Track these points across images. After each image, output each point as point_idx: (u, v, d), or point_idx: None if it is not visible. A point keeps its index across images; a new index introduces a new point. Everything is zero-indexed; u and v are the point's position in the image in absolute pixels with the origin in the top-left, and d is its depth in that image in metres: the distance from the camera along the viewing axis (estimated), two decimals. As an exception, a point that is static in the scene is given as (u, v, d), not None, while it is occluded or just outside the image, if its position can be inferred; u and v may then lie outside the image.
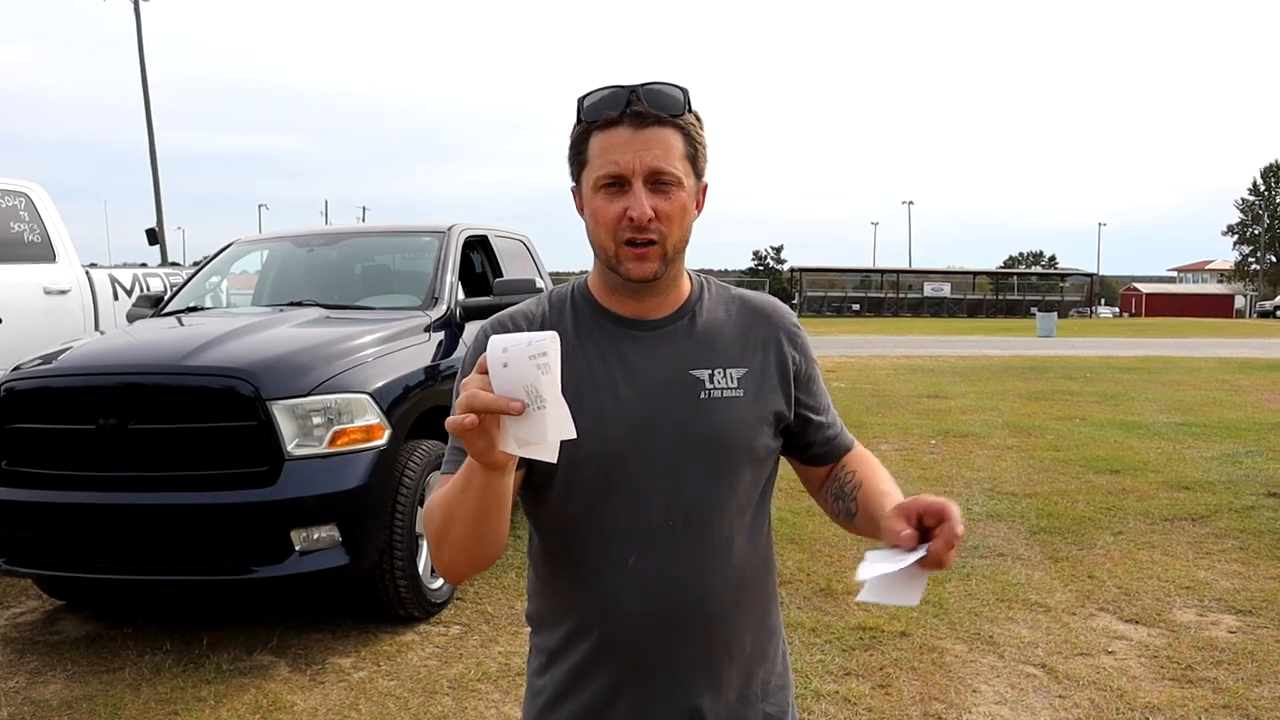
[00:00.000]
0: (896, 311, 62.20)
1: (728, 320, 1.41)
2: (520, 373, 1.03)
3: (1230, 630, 4.09)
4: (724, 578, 1.35)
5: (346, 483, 3.87)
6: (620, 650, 1.34)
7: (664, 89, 1.30)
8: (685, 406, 1.34)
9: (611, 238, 1.30)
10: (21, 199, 6.15)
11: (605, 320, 1.37)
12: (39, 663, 3.95)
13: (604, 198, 1.29)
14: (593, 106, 1.30)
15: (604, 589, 1.33)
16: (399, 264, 6.02)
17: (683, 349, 1.37)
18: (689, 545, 1.33)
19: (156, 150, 22.89)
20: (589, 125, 1.30)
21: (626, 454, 1.32)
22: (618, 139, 1.28)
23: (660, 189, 1.28)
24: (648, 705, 1.34)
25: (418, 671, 3.78)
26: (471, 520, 1.19)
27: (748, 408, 1.37)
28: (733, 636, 1.37)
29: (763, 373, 1.40)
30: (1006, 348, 23.48)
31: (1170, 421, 9.90)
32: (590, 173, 1.31)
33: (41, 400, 4.07)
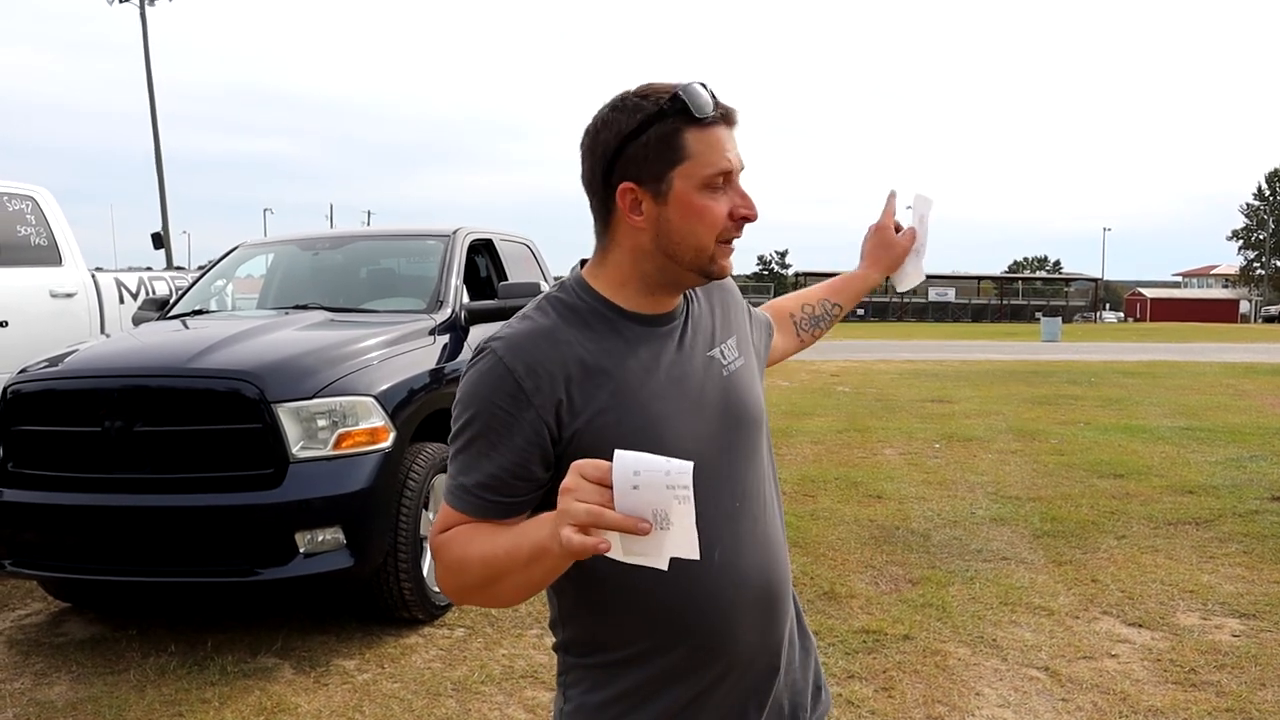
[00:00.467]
0: (901, 316, 62.18)
1: (709, 301, 1.46)
2: (652, 499, 0.99)
3: (1234, 634, 4.09)
4: (782, 544, 1.43)
5: (351, 485, 3.89)
6: (717, 644, 1.30)
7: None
8: (718, 387, 1.36)
9: (714, 236, 1.28)
10: (28, 203, 6.18)
11: (629, 323, 1.32)
12: (44, 664, 3.97)
13: (709, 194, 1.27)
14: (700, 102, 1.24)
15: (694, 588, 1.28)
16: (404, 267, 6.04)
17: (697, 335, 1.39)
18: (754, 522, 1.36)
19: (162, 155, 22.97)
20: (689, 120, 1.25)
21: (696, 450, 1.24)
22: (720, 136, 1.27)
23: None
24: (744, 683, 1.34)
25: (422, 674, 3.79)
26: (528, 587, 1.17)
27: (752, 371, 1.45)
28: (789, 586, 1.43)
29: (743, 332, 1.49)
30: (1011, 352, 23.46)
31: (1174, 426, 9.89)
32: (694, 169, 1.25)
33: (47, 403, 4.09)
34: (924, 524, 5.89)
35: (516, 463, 1.23)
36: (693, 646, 1.30)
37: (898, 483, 7.12)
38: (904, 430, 9.67)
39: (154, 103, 22.84)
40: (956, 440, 9.08)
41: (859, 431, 9.49)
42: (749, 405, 1.39)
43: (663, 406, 1.29)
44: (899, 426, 9.91)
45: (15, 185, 6.21)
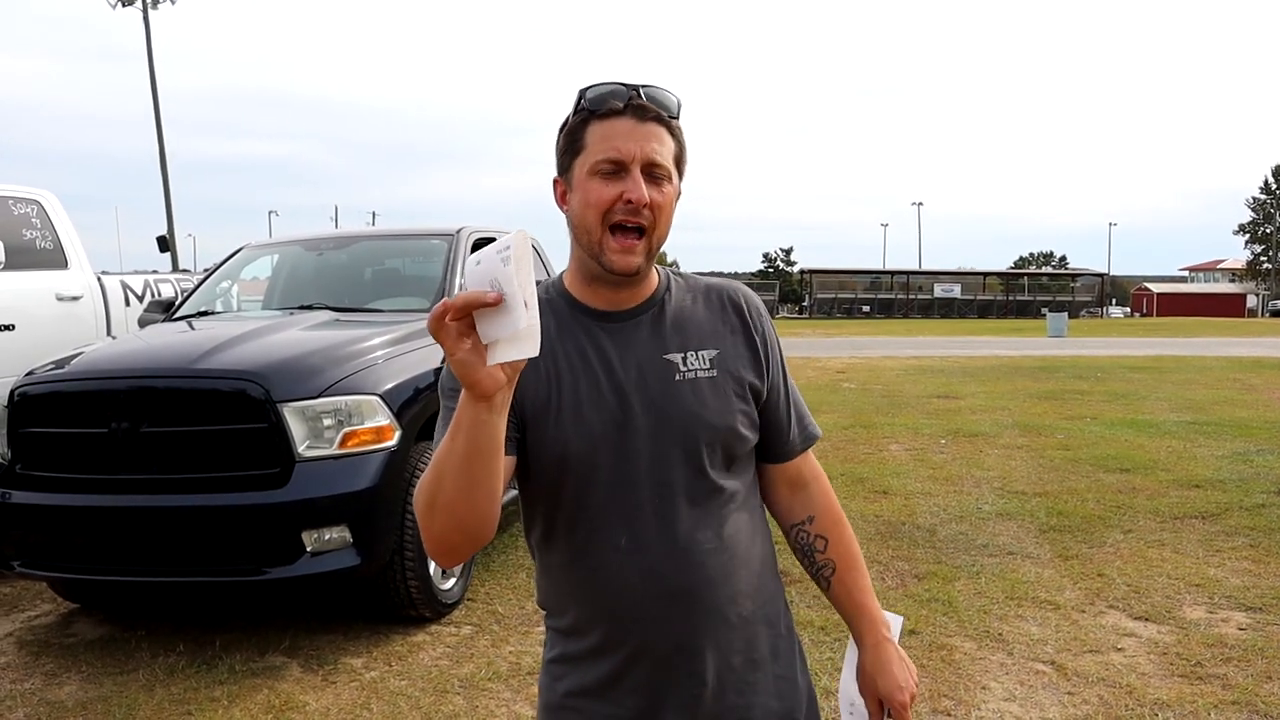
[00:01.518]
0: (907, 313, 62.08)
1: (695, 306, 1.47)
2: (489, 269, 1.05)
3: (1240, 627, 4.09)
4: (714, 549, 1.40)
5: (357, 484, 3.90)
6: (624, 626, 1.39)
7: (662, 93, 1.37)
8: (661, 389, 1.39)
9: (600, 221, 1.33)
10: (34, 207, 6.20)
11: (580, 314, 1.42)
12: (54, 664, 3.99)
13: (600, 181, 1.33)
14: (597, 97, 1.35)
15: (602, 569, 1.38)
16: (408, 267, 6.05)
17: (655, 335, 1.42)
18: (676, 521, 1.38)
19: (167, 158, 23.01)
20: (589, 114, 1.35)
21: (607, 440, 1.36)
22: (621, 128, 1.33)
23: (654, 180, 1.33)
24: (656, 675, 1.39)
25: (429, 671, 3.80)
26: (461, 467, 1.15)
27: (721, 387, 1.42)
28: (728, 602, 1.41)
29: (734, 352, 1.45)
30: (1017, 348, 23.41)
31: (1181, 420, 9.87)
32: (587, 158, 1.34)
33: (55, 404, 4.11)
34: (930, 519, 5.89)
35: None
36: (603, 621, 1.40)
37: (904, 478, 7.12)
38: (910, 426, 9.66)
39: (158, 106, 22.89)
40: (962, 436, 9.07)
41: (865, 428, 9.49)
42: (701, 413, 1.39)
43: (575, 379, 1.37)
44: (905, 422, 9.91)
45: (21, 189, 6.24)
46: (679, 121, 1.39)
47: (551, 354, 1.37)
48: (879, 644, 1.54)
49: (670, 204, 1.36)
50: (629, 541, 1.37)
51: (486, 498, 1.20)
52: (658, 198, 1.33)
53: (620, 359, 1.39)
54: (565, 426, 1.36)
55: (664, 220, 1.36)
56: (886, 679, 1.52)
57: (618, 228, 1.33)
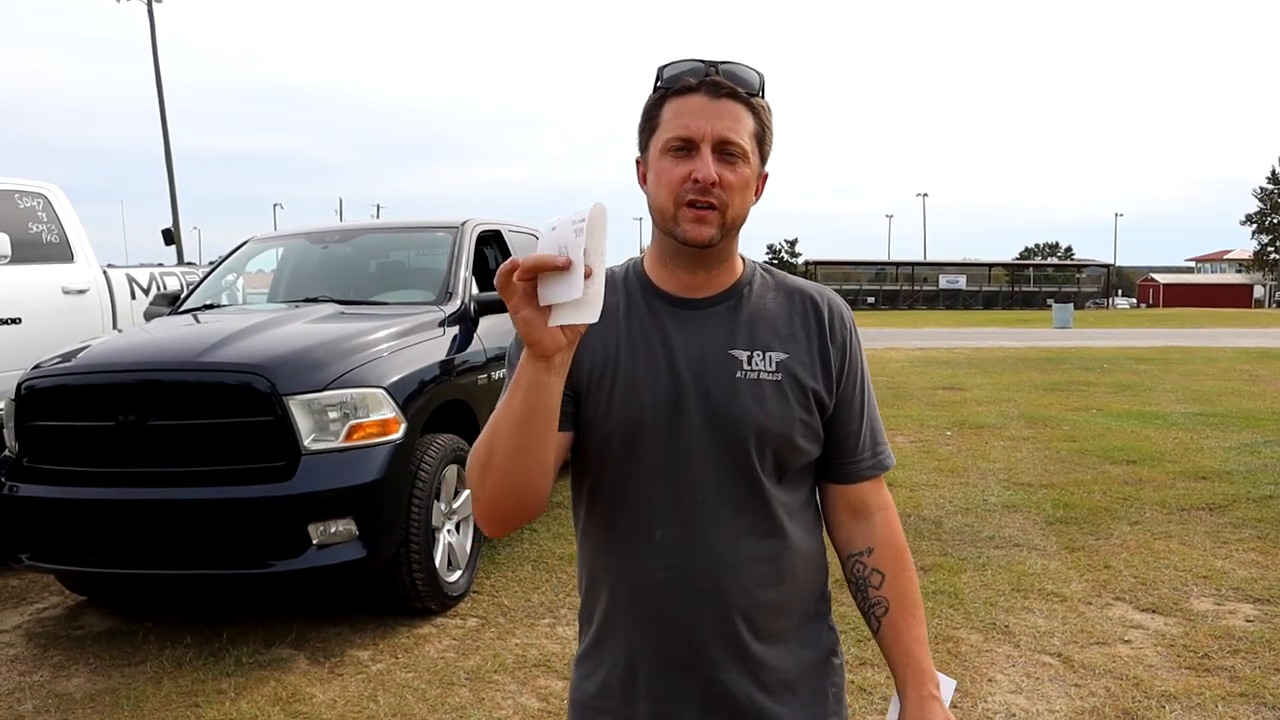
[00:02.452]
0: (912, 304, 61.98)
1: (776, 306, 1.40)
2: (561, 236, 1.08)
3: (1247, 619, 4.08)
4: (751, 558, 1.35)
5: (363, 477, 3.90)
6: (645, 619, 1.36)
7: (742, 68, 1.32)
8: (719, 384, 1.34)
9: (672, 199, 1.30)
10: (40, 200, 6.20)
11: (653, 297, 1.38)
12: (62, 657, 4.00)
13: (671, 160, 1.30)
14: (673, 74, 1.31)
15: (632, 558, 1.36)
16: (413, 260, 6.04)
17: (725, 328, 1.37)
18: (714, 522, 1.34)
19: (172, 152, 22.99)
20: (665, 92, 1.32)
21: (655, 426, 1.33)
22: (693, 105, 1.29)
23: (727, 159, 1.29)
24: (668, 674, 1.36)
25: (435, 663, 3.81)
26: (515, 429, 1.17)
27: (785, 393, 1.35)
28: (758, 616, 1.36)
29: (804, 359, 1.38)
30: (1022, 339, 23.37)
31: (1188, 412, 9.84)
32: (660, 136, 1.31)
33: (61, 398, 4.11)
34: (936, 511, 5.89)
35: None
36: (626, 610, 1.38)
37: (909, 470, 7.11)
38: (915, 418, 9.65)
39: (163, 100, 22.88)
40: (968, 427, 9.06)
41: (870, 420, 9.43)
42: (756, 416, 1.33)
43: (634, 361, 1.35)
44: (910, 414, 9.90)
45: (27, 183, 6.24)
46: (762, 99, 1.33)
47: (615, 333, 1.35)
48: (923, 701, 1.40)
49: (745, 182, 1.31)
50: (663, 535, 1.34)
51: (538, 465, 1.21)
52: (729, 176, 1.28)
53: (684, 347, 1.35)
54: (615, 407, 1.33)
55: (738, 199, 1.31)
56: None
57: (691, 204, 1.29)
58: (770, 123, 1.35)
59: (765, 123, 1.33)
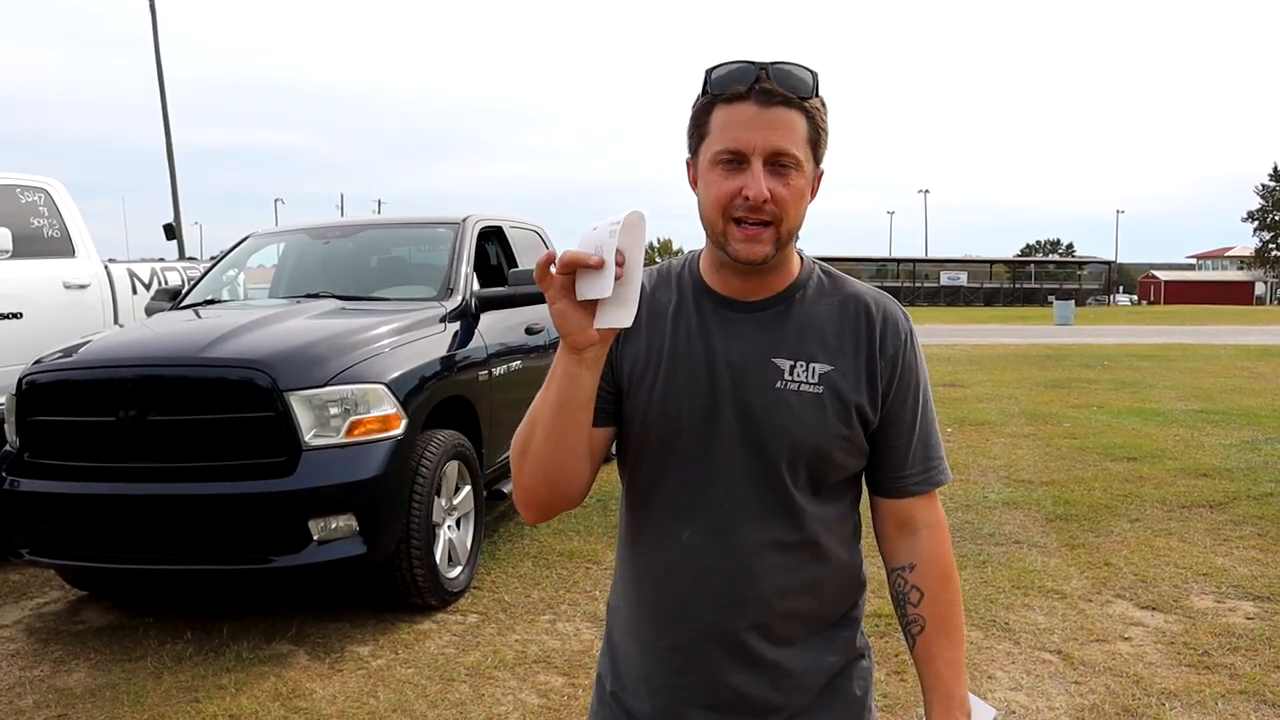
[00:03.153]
0: (913, 301, 61.97)
1: (828, 313, 1.36)
2: (598, 237, 1.12)
3: (1248, 616, 4.08)
4: (778, 568, 1.33)
5: (363, 472, 3.90)
6: (664, 618, 1.37)
7: (794, 69, 1.26)
8: (758, 393, 1.31)
9: (720, 214, 1.27)
10: (41, 195, 6.20)
11: (704, 298, 1.36)
12: (63, 652, 4.00)
13: (720, 173, 1.26)
14: (721, 79, 1.26)
15: (659, 557, 1.36)
16: (414, 255, 6.04)
17: (771, 335, 1.34)
18: (743, 530, 1.32)
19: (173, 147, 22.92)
20: (714, 97, 1.27)
21: (691, 429, 1.32)
22: (743, 115, 1.24)
23: (779, 171, 1.25)
24: (682, 674, 1.36)
25: (435, 659, 3.81)
26: (550, 417, 1.22)
27: (824, 406, 1.32)
28: (774, 623, 1.35)
29: (850, 371, 1.34)
30: (1023, 336, 23.36)
31: (1189, 409, 9.84)
32: (710, 146, 1.27)
33: (62, 393, 4.11)
34: (936, 508, 5.88)
35: None
36: (650, 609, 1.39)
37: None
38: (916, 415, 9.63)
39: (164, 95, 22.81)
40: (969, 424, 9.06)
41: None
42: (792, 428, 1.30)
43: (675, 361, 1.34)
44: (911, 411, 9.88)
45: (28, 178, 6.23)
46: (817, 99, 1.27)
47: (661, 332, 1.35)
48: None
49: (799, 193, 1.26)
50: (691, 537, 1.33)
51: (573, 454, 1.25)
52: (781, 190, 1.24)
53: (726, 351, 1.33)
54: (654, 407, 1.33)
55: (792, 211, 1.27)
56: None
57: (739, 220, 1.26)
58: (825, 123, 1.29)
59: (820, 124, 1.28)
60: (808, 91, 1.26)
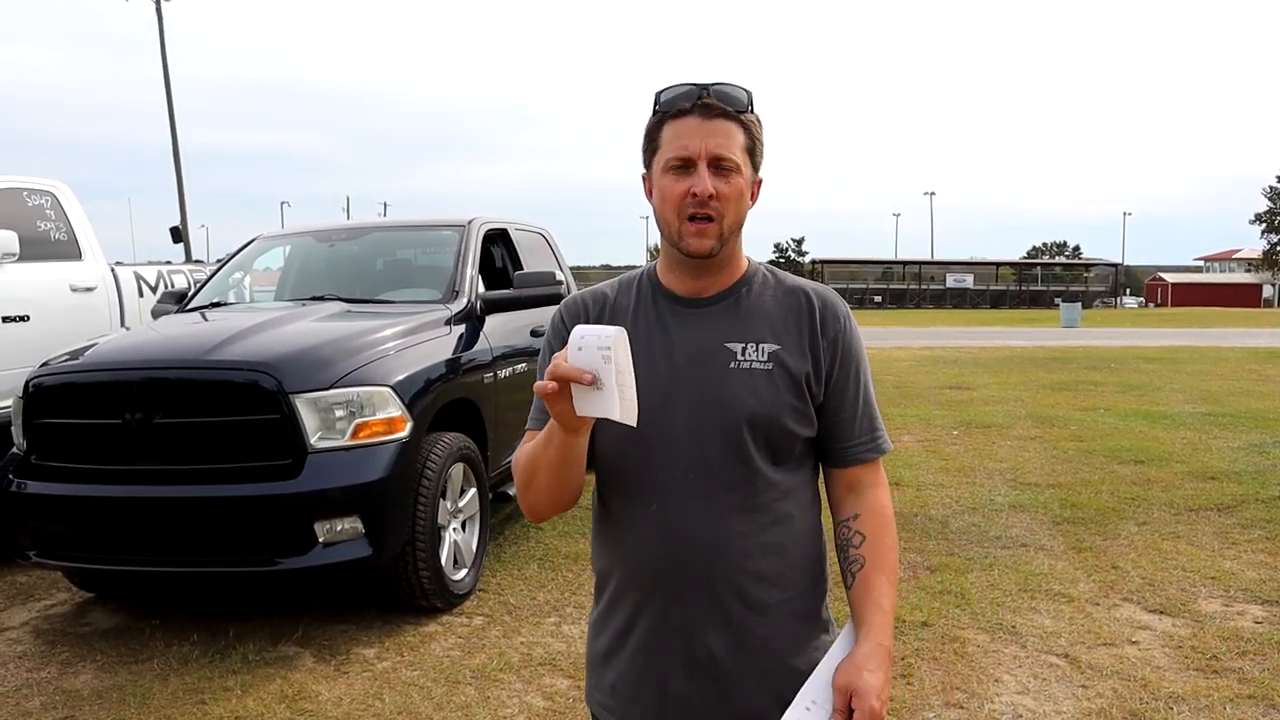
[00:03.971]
0: (919, 303, 61.86)
1: (774, 303, 1.54)
2: (589, 359, 1.26)
3: (1256, 620, 4.06)
4: (744, 532, 1.47)
5: (369, 475, 3.90)
6: (640, 586, 1.51)
7: (731, 88, 1.47)
8: (713, 376, 1.47)
9: (676, 213, 1.46)
10: (48, 198, 6.21)
11: (661, 297, 1.55)
12: (69, 654, 4.01)
13: (672, 178, 1.45)
14: (668, 99, 1.47)
15: (632, 531, 1.51)
16: (420, 258, 6.05)
17: (722, 324, 1.51)
18: (708, 499, 1.46)
19: (180, 149, 23.04)
20: (664, 115, 1.47)
21: (654, 416, 1.43)
22: (688, 127, 1.45)
23: (722, 173, 1.44)
24: (658, 636, 1.50)
25: (441, 662, 3.81)
26: (552, 471, 1.43)
27: (775, 380, 1.47)
28: (749, 584, 1.48)
29: (797, 352, 1.50)
30: (1030, 338, 23.31)
31: (1196, 412, 9.81)
32: (661, 156, 1.47)
33: (69, 396, 4.12)
34: (942, 511, 5.87)
35: None
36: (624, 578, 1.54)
37: (916, 469, 7.10)
38: (922, 417, 9.63)
39: (171, 97, 22.92)
40: (975, 427, 9.04)
41: (877, 419, 9.41)
42: (746, 402, 1.46)
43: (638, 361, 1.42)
44: (917, 413, 9.87)
45: (35, 180, 6.25)
46: (751, 114, 1.48)
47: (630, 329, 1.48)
48: (880, 646, 1.45)
49: (738, 193, 1.46)
50: (659, 511, 1.47)
51: (572, 486, 1.47)
52: (724, 189, 1.44)
53: (683, 340, 1.50)
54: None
55: (733, 208, 1.46)
56: (873, 678, 1.40)
57: (692, 217, 1.45)
58: (760, 135, 1.50)
59: (755, 135, 1.48)
60: (743, 106, 1.47)
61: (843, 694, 1.41)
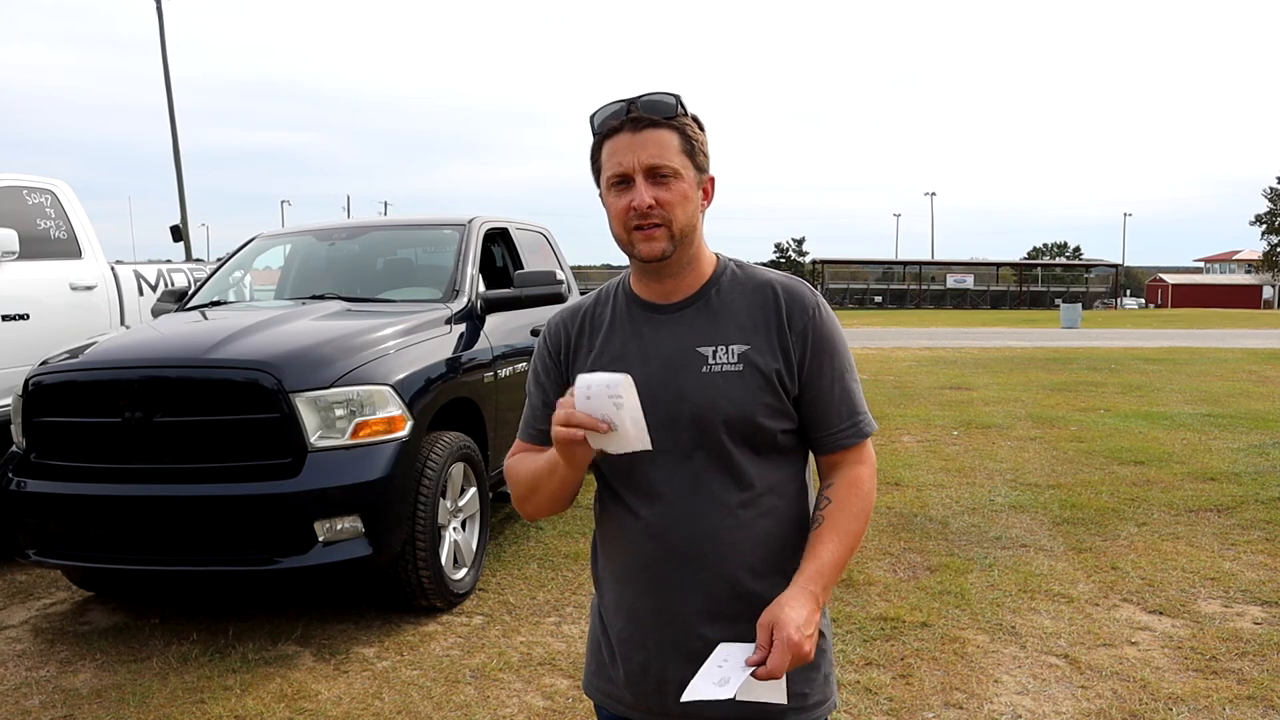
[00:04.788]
0: (919, 303, 61.87)
1: (741, 301, 1.56)
2: (600, 406, 1.34)
3: (1255, 621, 4.06)
4: (729, 526, 1.51)
5: (369, 474, 3.90)
6: (633, 582, 1.57)
7: (657, 97, 1.50)
8: (687, 380, 1.52)
9: (623, 227, 1.51)
10: (48, 196, 6.21)
11: (634, 306, 1.60)
12: (69, 652, 4.01)
13: (614, 194, 1.51)
14: (601, 120, 1.53)
15: (629, 530, 1.56)
16: (420, 257, 6.05)
17: (692, 327, 1.55)
18: (692, 496, 1.52)
19: (180, 148, 23.01)
20: (600, 136, 1.53)
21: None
22: (621, 143, 1.49)
23: (660, 181, 1.48)
24: (656, 629, 1.55)
25: (440, 661, 3.81)
26: (554, 493, 1.54)
27: (746, 380, 1.51)
28: (738, 573, 1.52)
29: (767, 349, 1.52)
30: (1030, 339, 23.31)
31: (1196, 413, 9.81)
32: (603, 176, 1.53)
33: (68, 394, 4.12)
34: (942, 511, 5.87)
35: (544, 401, 1.63)
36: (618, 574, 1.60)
37: (916, 470, 7.10)
38: (922, 417, 9.62)
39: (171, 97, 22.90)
40: (975, 427, 9.03)
41: (877, 419, 9.31)
42: (719, 405, 1.50)
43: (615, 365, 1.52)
44: (917, 414, 9.87)
45: (35, 179, 6.24)
46: (684, 117, 1.51)
47: (607, 342, 1.59)
48: (805, 589, 1.43)
49: (681, 196, 1.49)
50: (646, 510, 1.53)
51: (569, 497, 1.57)
52: (665, 195, 1.48)
53: (656, 348, 1.55)
54: None
55: (679, 211, 1.49)
56: (794, 611, 1.39)
57: (639, 227, 1.49)
58: (697, 135, 1.53)
59: (692, 136, 1.52)
60: (671, 112, 1.50)
61: (764, 629, 1.40)
